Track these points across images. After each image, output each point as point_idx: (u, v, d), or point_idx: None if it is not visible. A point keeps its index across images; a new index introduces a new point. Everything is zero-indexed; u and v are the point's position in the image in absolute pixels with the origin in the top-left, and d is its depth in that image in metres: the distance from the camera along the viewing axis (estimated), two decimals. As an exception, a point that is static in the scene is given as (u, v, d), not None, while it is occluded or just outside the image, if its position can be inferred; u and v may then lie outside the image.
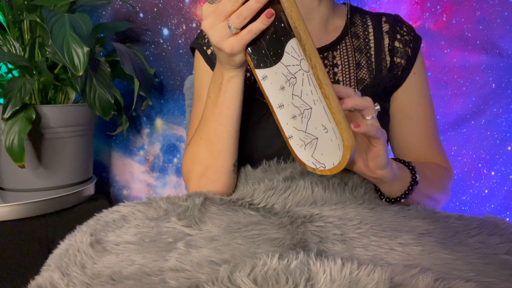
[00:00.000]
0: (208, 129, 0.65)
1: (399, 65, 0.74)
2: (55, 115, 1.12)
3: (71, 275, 0.44)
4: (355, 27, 0.76)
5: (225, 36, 0.52)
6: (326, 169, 0.54)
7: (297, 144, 0.57)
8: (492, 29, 1.15)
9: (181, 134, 1.43)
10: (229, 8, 0.50)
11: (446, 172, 0.75)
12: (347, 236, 0.51)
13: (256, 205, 0.62)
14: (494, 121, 1.20)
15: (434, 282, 0.37)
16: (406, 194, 0.61)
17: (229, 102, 0.62)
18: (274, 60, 0.53)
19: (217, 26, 0.51)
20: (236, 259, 0.45)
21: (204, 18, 0.53)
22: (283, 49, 0.52)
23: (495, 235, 0.52)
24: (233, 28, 0.50)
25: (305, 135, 0.56)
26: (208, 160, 0.66)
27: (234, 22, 0.50)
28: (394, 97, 0.76)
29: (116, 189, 1.52)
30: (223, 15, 0.51)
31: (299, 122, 0.55)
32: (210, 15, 0.52)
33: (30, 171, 1.13)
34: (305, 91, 0.52)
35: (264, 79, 0.55)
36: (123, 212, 0.59)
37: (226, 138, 0.64)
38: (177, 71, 1.39)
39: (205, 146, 0.65)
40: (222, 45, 0.52)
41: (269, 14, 0.49)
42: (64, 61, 0.94)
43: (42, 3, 1.06)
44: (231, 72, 0.59)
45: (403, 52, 0.74)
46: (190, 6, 1.32)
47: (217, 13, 0.51)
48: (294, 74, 0.53)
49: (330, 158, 0.53)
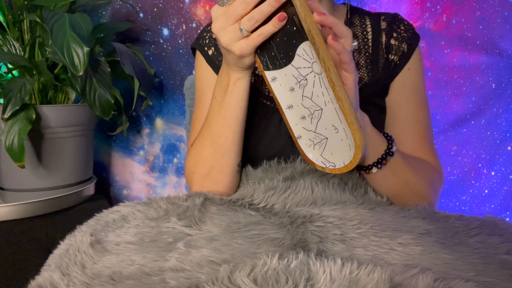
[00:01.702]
0: (213, 130, 0.65)
1: (393, 61, 0.74)
2: (55, 115, 1.12)
3: (71, 275, 0.44)
4: (354, 27, 0.76)
5: (236, 38, 0.51)
6: (336, 168, 0.55)
7: (306, 144, 0.58)
8: (492, 29, 1.15)
9: (181, 134, 1.43)
10: (240, 11, 0.50)
11: (435, 172, 0.72)
12: (347, 236, 0.51)
13: (256, 205, 0.62)
14: (494, 121, 1.19)
15: (434, 282, 0.37)
16: (378, 162, 0.61)
17: (236, 103, 0.62)
18: (284, 62, 0.54)
19: (227, 28, 0.51)
20: (236, 259, 0.45)
21: (214, 21, 0.53)
22: (294, 51, 0.52)
23: (495, 235, 0.52)
24: (244, 31, 0.50)
25: (315, 135, 0.56)
26: (212, 161, 0.65)
27: (245, 25, 0.50)
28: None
29: (116, 189, 1.52)
30: (234, 18, 0.50)
31: (309, 123, 0.56)
32: (220, 18, 0.52)
33: (30, 171, 1.13)
34: (316, 93, 0.53)
35: (273, 80, 0.56)
36: (123, 212, 0.59)
37: (232, 139, 0.64)
38: (177, 71, 1.39)
39: (210, 146, 0.65)
40: (232, 47, 0.52)
41: (282, 17, 0.49)
42: (64, 61, 0.94)
43: (42, 3, 1.06)
44: (238, 74, 0.59)
45: (398, 49, 0.73)
46: (190, 6, 1.32)
47: (228, 15, 0.51)
48: (305, 76, 0.53)
49: (340, 157, 0.54)
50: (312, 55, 0.51)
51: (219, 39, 0.53)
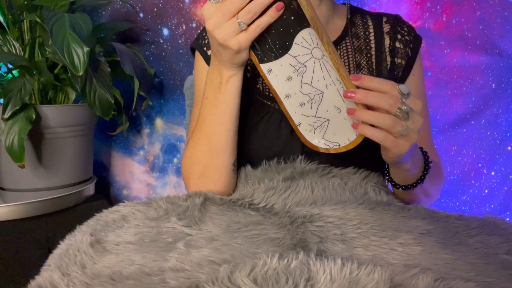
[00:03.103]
0: (206, 129, 0.65)
1: (400, 65, 0.74)
2: (55, 115, 1.12)
3: (71, 275, 0.44)
4: (356, 27, 0.76)
5: (233, 33, 0.51)
6: (341, 147, 0.57)
7: (307, 130, 0.59)
8: (492, 29, 1.15)
9: (181, 134, 1.43)
10: (238, 5, 0.50)
11: (442, 173, 0.77)
12: (347, 236, 0.51)
13: (256, 205, 0.62)
14: (494, 121, 1.19)
15: (434, 282, 0.37)
16: (419, 182, 0.63)
17: (229, 101, 0.62)
18: (280, 52, 0.55)
19: (223, 24, 0.51)
20: (236, 259, 0.45)
21: (207, 19, 0.52)
22: (291, 40, 0.53)
23: (495, 235, 0.52)
24: (243, 24, 0.50)
25: (315, 120, 0.58)
26: (207, 160, 0.65)
27: (243, 18, 0.50)
28: None
29: (116, 189, 1.52)
30: (231, 12, 0.50)
31: (308, 108, 0.58)
32: (215, 14, 0.51)
33: (30, 171, 1.13)
34: (317, 78, 0.55)
35: (269, 72, 0.57)
36: (123, 212, 0.59)
37: (226, 137, 0.64)
38: (177, 71, 1.38)
39: (204, 145, 0.65)
40: (229, 42, 0.52)
41: (279, 7, 0.50)
42: (64, 61, 0.94)
43: (42, 3, 1.06)
44: (231, 71, 0.59)
45: (404, 53, 0.74)
46: (190, 6, 1.32)
47: (223, 11, 0.51)
48: (304, 63, 0.54)
49: (345, 135, 0.56)
50: (312, 41, 0.52)
51: (214, 36, 0.53)
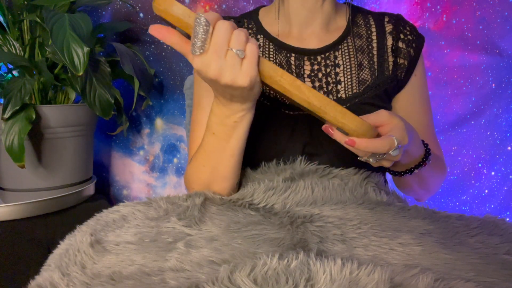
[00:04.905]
0: (212, 160, 0.63)
1: (402, 66, 0.74)
2: (55, 115, 1.12)
3: (71, 275, 0.44)
4: (358, 27, 0.75)
5: (237, 66, 0.48)
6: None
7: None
8: (492, 29, 1.15)
9: (181, 134, 1.43)
10: (227, 35, 0.46)
11: (444, 166, 0.78)
12: (347, 236, 0.51)
13: (256, 205, 0.62)
14: (494, 121, 1.19)
15: (434, 282, 0.37)
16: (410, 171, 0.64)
17: (241, 136, 0.60)
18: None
19: (225, 64, 0.48)
20: (236, 259, 0.45)
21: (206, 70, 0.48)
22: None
23: (495, 235, 0.52)
24: (240, 52, 0.47)
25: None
26: (211, 183, 0.65)
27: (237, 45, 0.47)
28: (396, 99, 0.76)
29: (116, 189, 1.52)
30: (224, 47, 0.47)
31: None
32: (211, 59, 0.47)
33: (30, 171, 1.13)
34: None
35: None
36: (123, 212, 0.59)
37: (233, 166, 0.63)
38: (177, 71, 1.38)
39: (210, 174, 0.64)
40: (238, 80, 0.48)
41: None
42: (64, 61, 0.94)
43: (42, 3, 1.06)
44: (245, 107, 0.56)
45: (406, 53, 0.74)
46: (190, 6, 1.32)
47: (217, 49, 0.47)
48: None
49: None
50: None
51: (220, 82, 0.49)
